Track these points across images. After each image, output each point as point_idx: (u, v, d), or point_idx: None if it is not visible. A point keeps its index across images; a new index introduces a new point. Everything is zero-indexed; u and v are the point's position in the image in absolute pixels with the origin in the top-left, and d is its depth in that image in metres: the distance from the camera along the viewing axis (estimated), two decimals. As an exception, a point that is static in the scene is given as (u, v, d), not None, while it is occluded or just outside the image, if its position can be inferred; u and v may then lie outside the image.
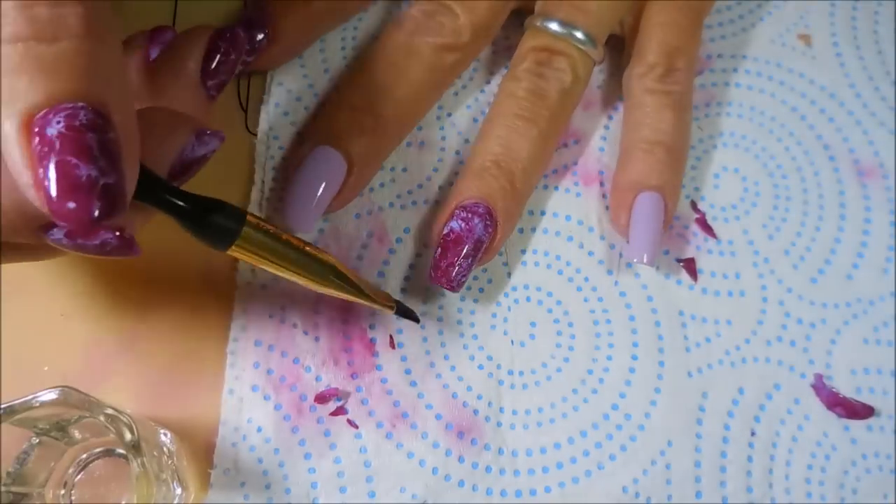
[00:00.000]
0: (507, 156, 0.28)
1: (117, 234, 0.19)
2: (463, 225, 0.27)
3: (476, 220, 0.27)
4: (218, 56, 0.25)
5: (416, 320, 0.27)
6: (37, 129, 0.16)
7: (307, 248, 0.23)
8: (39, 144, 0.16)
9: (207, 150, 0.22)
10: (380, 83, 0.28)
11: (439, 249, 0.27)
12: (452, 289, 0.27)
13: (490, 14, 0.29)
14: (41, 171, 0.16)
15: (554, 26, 0.29)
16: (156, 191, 0.20)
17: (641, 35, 0.30)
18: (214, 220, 0.21)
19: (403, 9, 0.30)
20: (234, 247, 0.21)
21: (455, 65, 0.29)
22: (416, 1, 0.29)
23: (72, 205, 0.16)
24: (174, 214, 0.20)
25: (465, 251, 0.27)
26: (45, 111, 0.16)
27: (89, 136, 0.16)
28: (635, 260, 0.28)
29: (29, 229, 0.18)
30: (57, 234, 0.19)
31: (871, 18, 0.34)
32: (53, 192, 0.16)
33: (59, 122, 0.16)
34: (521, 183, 0.28)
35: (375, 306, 0.25)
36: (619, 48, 0.32)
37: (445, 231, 0.27)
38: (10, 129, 0.16)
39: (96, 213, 0.16)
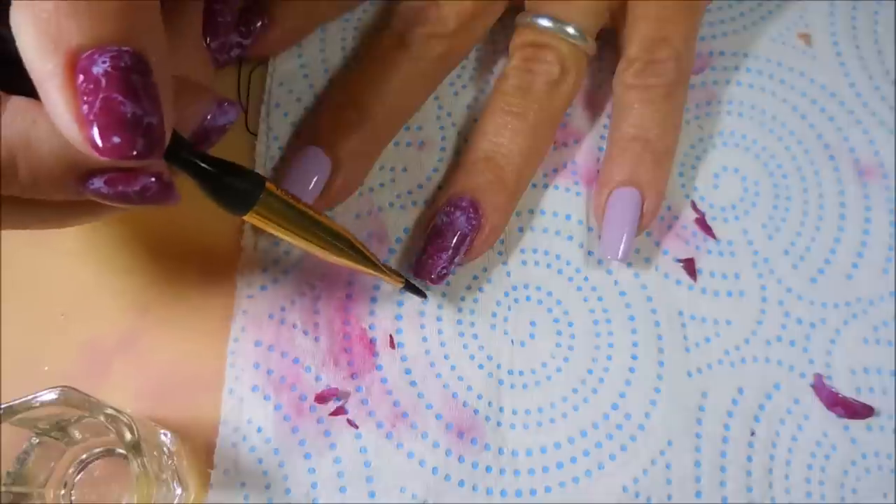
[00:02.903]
0: (495, 151, 0.28)
1: (156, 178, 0.19)
2: (445, 219, 0.27)
3: (458, 213, 0.27)
4: (217, 18, 0.26)
5: (424, 296, 0.27)
6: (82, 69, 0.17)
7: (323, 220, 0.24)
8: (85, 82, 0.17)
9: (227, 119, 0.22)
10: (365, 78, 0.28)
11: (423, 243, 0.27)
12: (433, 282, 0.27)
13: (478, 4, 0.29)
14: (85, 107, 0.17)
15: (542, 22, 0.28)
16: (180, 151, 0.20)
17: (625, 29, 0.30)
18: (234, 185, 0.21)
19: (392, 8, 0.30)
20: (251, 212, 0.22)
21: (443, 56, 0.29)
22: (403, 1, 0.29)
23: (116, 139, 0.17)
24: (196, 176, 0.20)
25: (446, 245, 0.27)
26: (90, 51, 0.17)
27: (134, 77, 0.17)
28: (609, 257, 0.28)
29: (69, 179, 0.19)
30: (97, 183, 0.19)
31: (871, 18, 0.34)
32: (98, 127, 0.17)
33: (104, 62, 0.17)
34: (512, 176, 0.28)
35: (385, 279, 0.26)
36: (620, 46, 0.32)
37: (431, 226, 0.27)
38: (56, 67, 0.17)
39: (139, 149, 0.17)
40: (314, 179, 0.27)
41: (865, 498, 0.27)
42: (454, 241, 0.27)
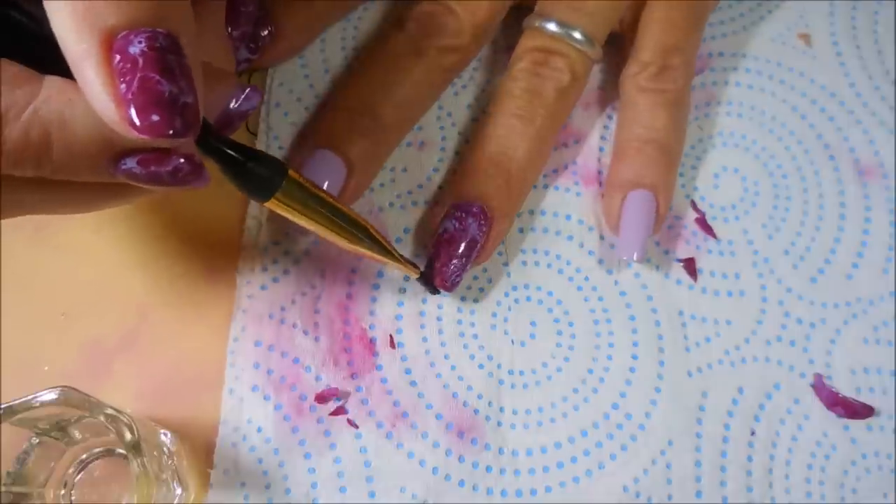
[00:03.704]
0: (503, 155, 0.28)
1: (187, 160, 0.19)
2: (457, 224, 0.27)
3: (470, 219, 0.27)
4: (239, 7, 0.26)
5: (437, 292, 0.27)
6: (118, 49, 0.17)
7: (342, 207, 0.24)
8: (121, 62, 0.17)
9: (249, 105, 0.22)
10: (380, 85, 0.28)
11: (434, 250, 0.27)
12: (447, 289, 0.27)
13: (491, 15, 0.29)
14: (123, 86, 0.17)
15: (552, 26, 0.28)
16: (206, 136, 0.20)
17: (638, 33, 0.30)
18: (258, 171, 0.21)
19: (404, 8, 0.29)
20: (274, 199, 0.22)
21: (455, 65, 0.30)
22: (417, 2, 0.29)
23: (155, 118, 0.17)
24: (222, 161, 0.21)
25: (459, 251, 0.27)
26: (126, 32, 0.17)
27: (170, 57, 0.17)
28: (624, 258, 0.28)
29: (102, 159, 0.19)
30: (130, 163, 0.19)
31: (871, 18, 0.34)
32: (136, 106, 0.17)
33: (140, 43, 0.17)
34: (517, 181, 0.28)
35: (402, 268, 0.26)
36: (620, 47, 0.32)
37: (441, 231, 0.27)
38: (91, 48, 0.17)
39: (177, 127, 0.17)
40: (329, 183, 0.27)
41: (865, 498, 0.27)
42: (466, 247, 0.27)
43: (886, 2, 0.34)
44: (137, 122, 0.17)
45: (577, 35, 0.28)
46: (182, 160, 0.19)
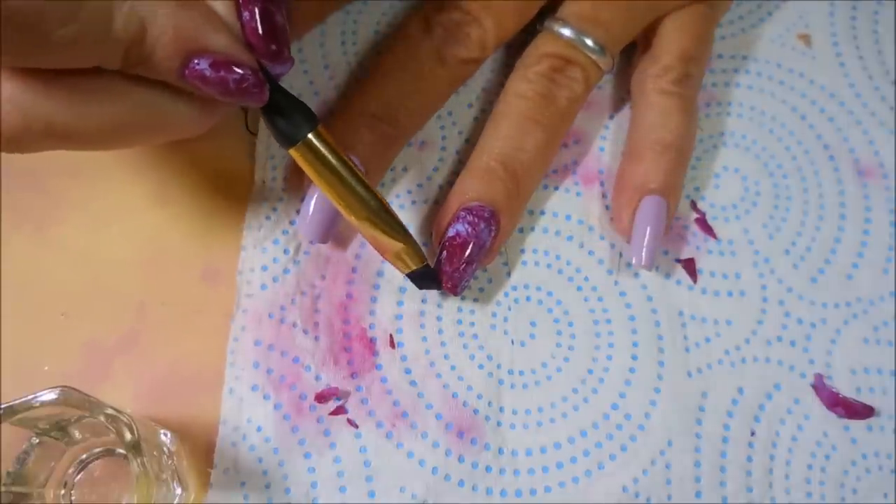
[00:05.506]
0: (513, 156, 0.28)
1: (253, 73, 0.21)
2: (470, 229, 0.27)
3: (482, 224, 0.27)
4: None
5: (439, 287, 0.27)
6: None
7: (363, 178, 0.24)
8: None
9: (283, 69, 0.24)
10: (401, 91, 0.28)
11: (445, 253, 0.27)
12: (456, 293, 0.27)
13: (515, 31, 0.29)
14: (246, 13, 0.21)
15: (567, 32, 0.28)
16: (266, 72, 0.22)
17: (660, 38, 0.30)
18: (291, 115, 0.23)
19: (431, 10, 0.29)
20: (300, 144, 0.23)
21: (470, 75, 0.30)
22: (443, 3, 0.29)
23: (273, 47, 0.21)
24: (274, 91, 0.22)
25: (469, 255, 0.27)
26: None
27: None
28: (634, 261, 0.28)
29: (178, 53, 0.20)
30: (203, 63, 0.20)
31: (871, 18, 0.34)
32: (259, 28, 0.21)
33: None
34: (525, 185, 0.28)
35: (410, 254, 0.26)
36: (623, 51, 0.32)
37: (451, 234, 0.27)
38: None
39: (277, 51, 0.22)
40: None
41: (865, 498, 0.27)
42: (478, 252, 0.27)
43: (886, 2, 0.34)
44: (262, 39, 0.21)
45: (590, 43, 0.28)
46: (249, 72, 0.21)
